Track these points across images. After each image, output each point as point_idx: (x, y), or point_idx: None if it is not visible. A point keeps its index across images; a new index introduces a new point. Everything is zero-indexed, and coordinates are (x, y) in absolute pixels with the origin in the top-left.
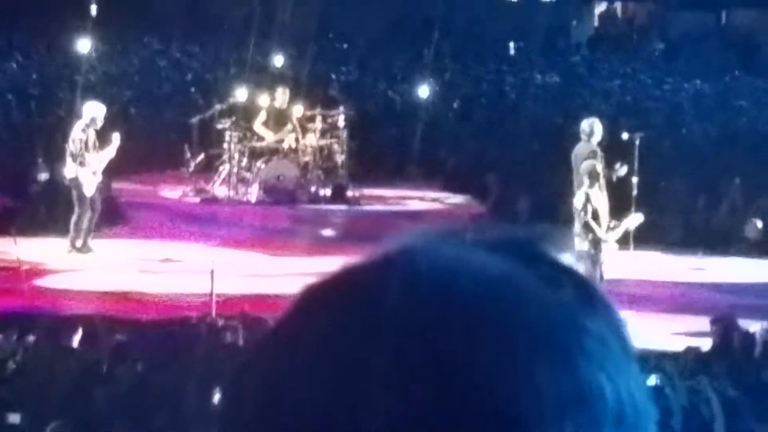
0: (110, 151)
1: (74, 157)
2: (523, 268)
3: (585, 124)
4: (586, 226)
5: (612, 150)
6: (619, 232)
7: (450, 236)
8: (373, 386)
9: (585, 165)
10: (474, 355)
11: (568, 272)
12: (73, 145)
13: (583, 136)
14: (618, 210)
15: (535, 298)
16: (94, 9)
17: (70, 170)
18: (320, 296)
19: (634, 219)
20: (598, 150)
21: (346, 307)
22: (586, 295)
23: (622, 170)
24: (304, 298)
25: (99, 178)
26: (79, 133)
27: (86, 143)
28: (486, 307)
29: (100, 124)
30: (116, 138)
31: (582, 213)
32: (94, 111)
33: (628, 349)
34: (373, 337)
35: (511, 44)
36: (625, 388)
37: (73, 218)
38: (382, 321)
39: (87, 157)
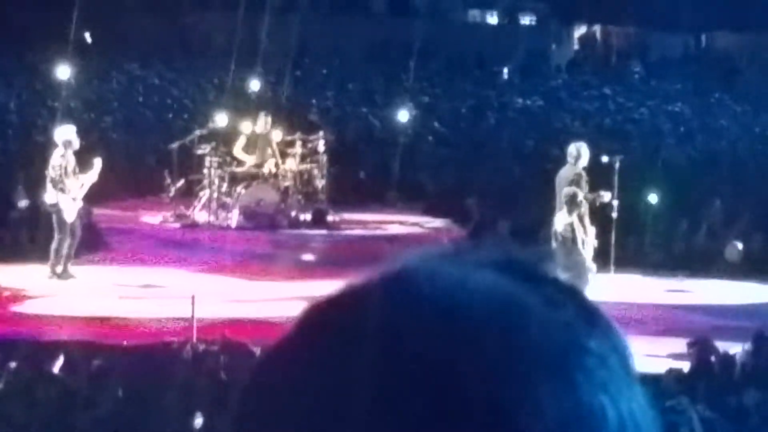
0: (91, 176)
1: (54, 183)
2: (525, 287)
3: (572, 148)
4: (565, 251)
5: (592, 173)
6: (590, 252)
7: (451, 256)
8: (377, 405)
9: (565, 191)
10: (476, 374)
11: (571, 292)
12: (53, 171)
13: (570, 159)
14: (599, 234)
15: (537, 317)
16: (73, 35)
17: (50, 196)
18: (323, 316)
19: (591, 232)
20: (584, 173)
21: (350, 327)
22: (588, 316)
23: (605, 196)
24: (307, 318)
25: (79, 203)
26: (58, 159)
27: (65, 168)
28: (488, 325)
29: (76, 146)
30: (98, 163)
31: (560, 238)
32: (66, 134)
33: (630, 369)
34: (377, 355)
35: (505, 70)
36: (627, 407)
37: (53, 244)
38: (386, 340)
39: (67, 183)
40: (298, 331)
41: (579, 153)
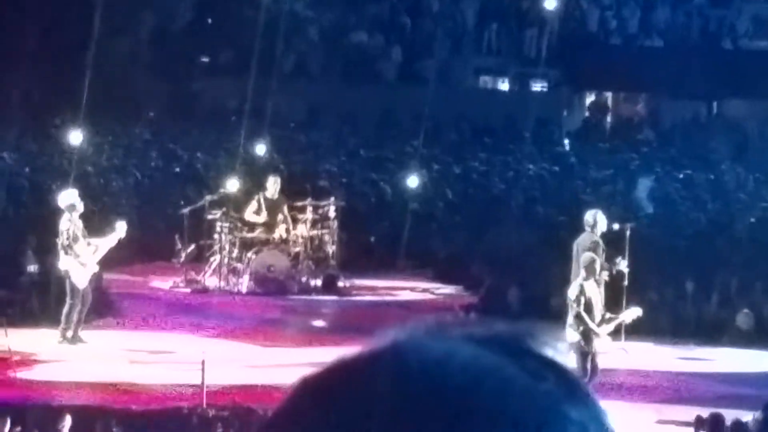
0: (109, 241)
1: (63, 248)
2: (508, 360)
3: (588, 216)
4: (579, 318)
5: (602, 240)
6: (612, 326)
7: (438, 331)
8: None
9: (584, 257)
10: None
11: (552, 364)
12: (61, 236)
13: (587, 227)
14: (610, 301)
15: (521, 388)
16: (85, 100)
17: (62, 262)
18: (314, 389)
19: (632, 313)
20: (600, 241)
21: (339, 401)
22: (568, 386)
23: (622, 264)
24: (299, 391)
25: (93, 269)
26: (66, 224)
27: (73, 233)
28: (475, 397)
29: (80, 209)
30: (120, 227)
31: (575, 304)
32: (69, 198)
33: None
34: (368, 428)
35: (566, 141)
36: None
37: (65, 309)
38: (374, 414)
39: (75, 248)
40: (289, 405)
41: (595, 220)
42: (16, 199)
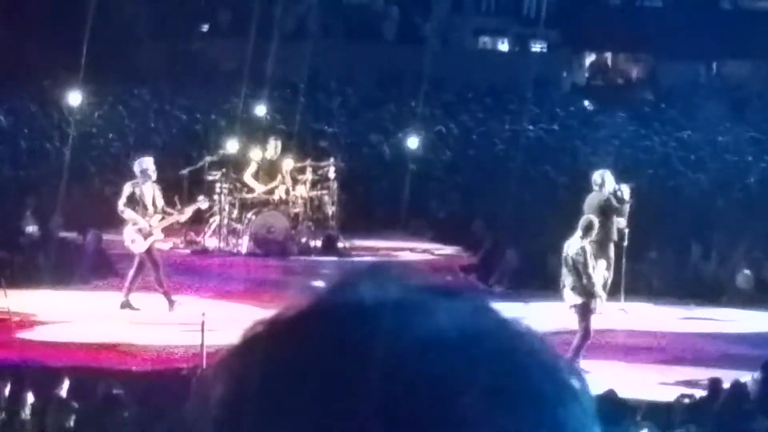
0: (187, 212)
1: (120, 212)
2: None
3: (596, 175)
4: (585, 280)
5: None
6: (600, 279)
7: (399, 280)
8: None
9: (583, 219)
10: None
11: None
12: (119, 200)
13: (595, 187)
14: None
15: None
16: (83, 61)
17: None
18: (265, 337)
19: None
20: (612, 199)
21: (281, 351)
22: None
23: (621, 222)
24: (246, 341)
25: (154, 236)
26: (128, 188)
27: (132, 199)
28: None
29: (153, 177)
30: (202, 200)
31: (581, 267)
32: (142, 165)
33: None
34: (302, 380)
35: (566, 101)
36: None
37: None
38: (308, 365)
39: (130, 213)
40: (238, 353)
41: (603, 179)
42: (14, 161)
